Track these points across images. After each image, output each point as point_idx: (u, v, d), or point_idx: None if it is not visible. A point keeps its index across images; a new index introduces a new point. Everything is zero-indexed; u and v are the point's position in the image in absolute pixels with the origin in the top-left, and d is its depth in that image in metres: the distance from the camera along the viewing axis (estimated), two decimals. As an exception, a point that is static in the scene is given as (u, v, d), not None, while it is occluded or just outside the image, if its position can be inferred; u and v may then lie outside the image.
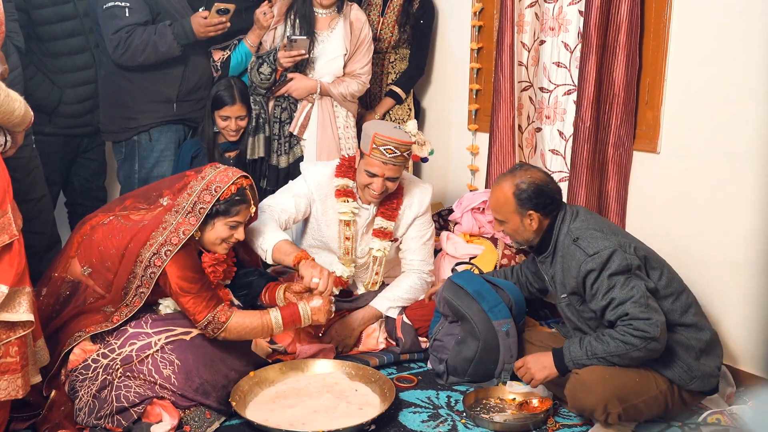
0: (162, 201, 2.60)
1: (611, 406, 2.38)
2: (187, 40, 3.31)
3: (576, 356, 2.48)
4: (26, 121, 2.19)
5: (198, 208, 2.54)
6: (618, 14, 3.09)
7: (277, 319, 2.58)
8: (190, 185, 2.59)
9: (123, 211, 2.61)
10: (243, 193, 2.62)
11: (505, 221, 2.63)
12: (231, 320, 2.51)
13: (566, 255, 2.54)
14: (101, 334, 2.51)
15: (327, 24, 3.54)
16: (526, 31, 3.56)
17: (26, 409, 2.41)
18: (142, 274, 2.47)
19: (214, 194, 2.55)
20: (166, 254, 2.45)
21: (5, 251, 2.03)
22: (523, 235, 2.64)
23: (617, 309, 2.41)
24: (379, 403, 2.62)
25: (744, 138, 2.77)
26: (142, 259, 2.46)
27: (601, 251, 2.44)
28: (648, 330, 2.35)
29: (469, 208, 3.59)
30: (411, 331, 3.08)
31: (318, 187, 3.09)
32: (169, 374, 2.48)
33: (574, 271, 2.49)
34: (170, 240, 2.48)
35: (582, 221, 2.57)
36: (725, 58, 2.81)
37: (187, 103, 3.51)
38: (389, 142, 2.90)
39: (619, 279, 2.42)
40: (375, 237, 3.11)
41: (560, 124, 3.43)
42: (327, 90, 3.54)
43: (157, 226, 2.50)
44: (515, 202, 2.58)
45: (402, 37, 3.86)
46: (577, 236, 2.52)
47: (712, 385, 2.49)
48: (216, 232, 2.60)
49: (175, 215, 2.53)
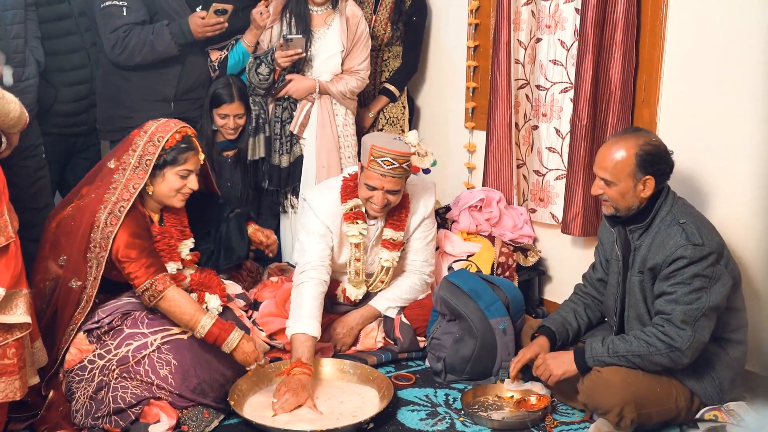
0: (109, 165, 2.60)
1: (627, 410, 2.36)
2: (185, 40, 3.31)
3: (597, 353, 2.45)
4: (21, 122, 2.19)
5: (145, 161, 2.54)
6: (614, 12, 3.09)
7: (204, 328, 2.50)
8: (133, 142, 2.59)
9: (80, 200, 2.61)
10: (188, 141, 2.62)
11: (614, 182, 2.44)
12: (168, 291, 2.48)
13: (663, 232, 2.42)
14: (97, 334, 2.50)
15: (323, 21, 3.54)
16: (522, 28, 3.56)
17: (24, 410, 2.41)
18: (100, 237, 2.47)
19: (158, 144, 2.55)
20: (120, 211, 2.47)
21: (2, 253, 2.03)
22: (628, 202, 2.46)
23: (668, 304, 2.37)
24: (378, 402, 2.63)
25: (741, 135, 2.77)
26: (98, 222, 2.47)
27: (705, 245, 2.34)
28: (675, 339, 2.33)
29: (467, 206, 3.60)
30: (409, 332, 3.08)
31: (332, 220, 3.00)
32: (166, 374, 2.48)
33: (668, 250, 2.37)
34: (122, 197, 2.49)
35: (684, 206, 2.48)
36: (722, 55, 2.81)
37: (185, 102, 3.50)
38: (387, 153, 2.83)
39: (696, 281, 2.34)
40: (384, 248, 3.08)
41: (557, 121, 3.44)
42: (326, 88, 3.54)
43: (107, 188, 2.51)
44: (635, 164, 2.41)
45: (395, 35, 3.86)
46: (684, 219, 2.41)
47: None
48: (168, 183, 2.60)
49: (123, 173, 2.54)
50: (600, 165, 2.50)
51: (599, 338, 2.50)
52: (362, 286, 3.11)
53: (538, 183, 3.56)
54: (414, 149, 2.86)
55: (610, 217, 2.58)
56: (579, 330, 2.73)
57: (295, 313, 2.78)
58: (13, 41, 2.93)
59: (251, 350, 2.56)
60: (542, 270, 3.64)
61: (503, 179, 3.64)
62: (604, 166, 2.47)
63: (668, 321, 2.36)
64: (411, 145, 2.87)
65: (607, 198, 2.50)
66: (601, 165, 2.49)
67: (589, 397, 2.45)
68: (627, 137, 2.47)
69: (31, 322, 2.12)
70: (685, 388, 2.45)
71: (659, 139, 2.50)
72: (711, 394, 2.45)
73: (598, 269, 2.76)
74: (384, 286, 3.15)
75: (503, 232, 3.55)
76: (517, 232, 3.57)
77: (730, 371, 2.47)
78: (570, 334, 2.72)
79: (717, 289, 2.36)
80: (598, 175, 2.51)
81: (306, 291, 2.82)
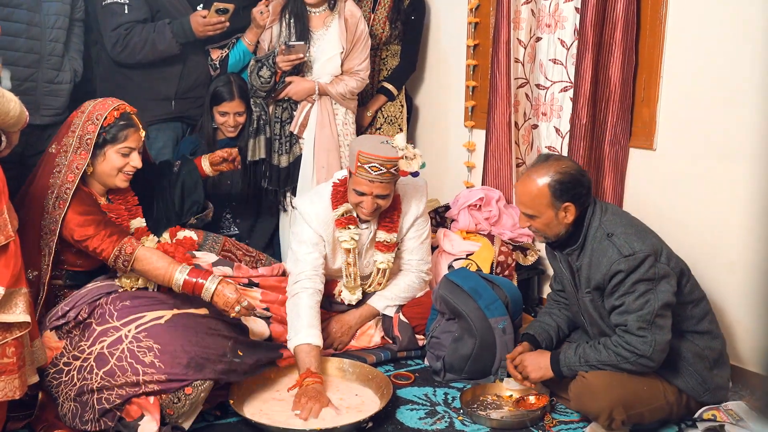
0: (50, 149, 2.59)
1: (616, 412, 2.37)
2: (186, 39, 3.31)
3: (571, 362, 2.49)
4: (21, 121, 2.19)
5: (85, 140, 2.53)
6: (614, 11, 3.09)
7: (180, 279, 2.44)
8: (72, 123, 2.58)
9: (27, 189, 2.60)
10: (128, 117, 2.60)
11: (536, 215, 2.47)
12: (138, 251, 2.45)
13: (597, 249, 2.44)
14: (66, 330, 2.44)
15: (321, 22, 3.53)
16: (522, 27, 3.56)
17: (22, 409, 2.40)
18: (49, 221, 2.46)
19: (96, 123, 2.54)
20: (66, 193, 2.46)
21: (1, 252, 2.02)
22: (555, 230, 2.49)
23: (621, 316, 2.39)
24: (377, 401, 2.63)
25: (740, 135, 2.77)
26: (48, 208, 2.45)
27: (636, 253, 2.35)
28: (638, 347, 2.35)
29: (466, 205, 3.60)
30: (408, 330, 3.08)
31: (325, 228, 2.99)
32: (152, 360, 2.37)
33: (604, 267, 2.40)
34: (66, 179, 2.48)
35: (613, 215, 2.48)
36: (721, 55, 2.81)
37: (186, 101, 3.50)
38: (374, 159, 2.79)
39: (639, 287, 2.36)
40: (378, 250, 3.08)
41: (557, 121, 3.44)
42: (325, 90, 3.53)
43: (51, 173, 2.50)
44: (550, 195, 2.43)
45: (393, 34, 3.86)
46: (611, 232, 2.41)
47: (723, 397, 2.48)
48: (109, 161, 2.58)
49: (65, 155, 2.53)
50: (519, 200, 2.54)
51: (573, 345, 2.52)
52: (357, 291, 3.11)
53: (537, 182, 3.56)
54: (402, 153, 2.82)
55: (548, 244, 2.61)
56: (559, 327, 2.75)
57: (295, 325, 2.76)
58: (50, 44, 3.01)
59: (231, 293, 2.46)
60: (541, 269, 3.64)
61: (503, 178, 3.64)
62: (523, 202, 2.50)
63: (626, 332, 2.38)
64: (399, 149, 2.83)
65: (534, 229, 2.53)
66: (520, 200, 2.52)
67: (577, 402, 2.47)
68: (538, 169, 2.47)
69: (31, 321, 2.12)
70: (670, 384, 2.46)
71: (570, 164, 2.49)
72: (694, 386, 2.46)
73: (559, 281, 2.77)
74: (381, 287, 3.15)
75: (502, 231, 3.56)
76: (517, 231, 3.57)
77: (706, 360, 2.48)
78: (552, 334, 2.73)
79: (662, 287, 2.37)
80: (520, 210, 2.54)
81: (302, 302, 2.82)
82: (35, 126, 3.04)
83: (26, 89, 2.98)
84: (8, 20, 2.87)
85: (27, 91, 2.98)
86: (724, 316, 2.82)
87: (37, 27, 2.96)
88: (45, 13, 2.98)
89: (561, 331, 2.75)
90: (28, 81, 2.98)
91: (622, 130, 3.17)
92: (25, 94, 2.95)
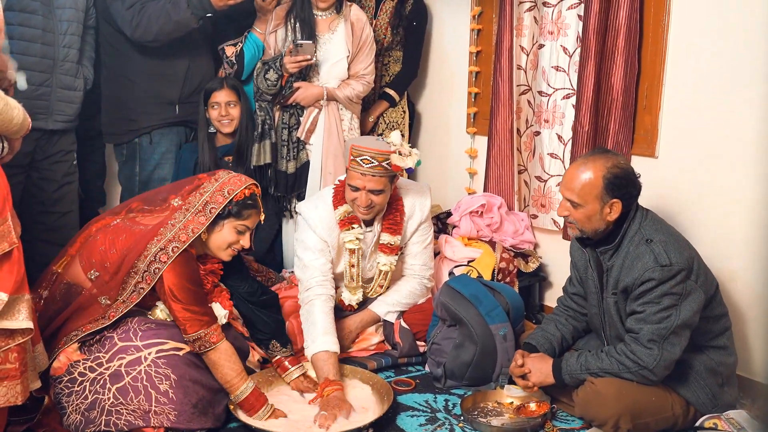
0: (173, 202, 2.59)
1: (623, 421, 2.37)
2: (204, 12, 3.23)
3: (572, 369, 2.48)
4: (24, 128, 2.20)
5: (209, 208, 2.54)
6: (617, 19, 3.09)
7: (244, 392, 2.50)
8: (203, 186, 2.60)
9: (129, 213, 2.61)
10: (255, 199, 2.62)
11: (581, 205, 2.40)
12: (222, 343, 2.48)
13: (632, 253, 2.39)
14: (88, 343, 2.44)
15: (327, 26, 3.54)
16: (524, 34, 3.56)
17: (23, 413, 2.40)
18: (144, 270, 2.45)
19: (227, 196, 2.55)
20: (173, 251, 2.45)
21: (5, 259, 2.03)
22: (594, 224, 2.42)
23: (636, 323, 2.38)
24: (377, 407, 2.63)
25: (742, 142, 2.77)
26: (147, 254, 2.45)
27: (672, 265, 2.31)
28: (642, 358, 2.34)
29: (468, 211, 3.60)
30: (409, 336, 3.08)
31: (329, 232, 3.00)
32: (167, 389, 2.41)
33: (637, 272, 2.36)
34: (178, 237, 2.47)
35: (653, 221, 2.44)
36: (723, 63, 2.81)
37: (189, 105, 3.50)
38: (365, 152, 2.83)
39: (665, 300, 2.32)
40: (381, 252, 3.08)
41: (559, 128, 3.44)
42: (333, 95, 3.53)
43: (165, 223, 2.50)
44: (602, 187, 2.37)
45: (395, 39, 3.86)
46: (650, 238, 2.37)
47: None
48: (223, 235, 2.58)
49: (185, 213, 2.53)
50: (567, 186, 2.46)
51: (576, 353, 2.51)
52: (358, 292, 3.11)
53: (539, 189, 3.56)
54: (395, 148, 2.84)
55: (579, 239, 2.57)
56: (563, 338, 2.73)
57: (311, 333, 2.78)
58: (63, 49, 3.04)
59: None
60: (543, 276, 3.64)
61: (504, 185, 3.64)
62: (571, 188, 2.43)
63: (636, 340, 2.37)
64: (393, 145, 2.84)
65: (573, 220, 2.47)
66: (568, 186, 2.44)
67: (583, 409, 2.46)
68: (595, 158, 2.42)
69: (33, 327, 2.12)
70: (679, 396, 2.46)
71: (628, 162, 2.45)
72: (704, 401, 2.45)
73: (575, 284, 2.75)
74: (383, 290, 3.15)
75: (504, 238, 3.56)
76: (518, 238, 3.57)
77: (719, 377, 2.47)
78: (554, 345, 2.71)
79: (687, 305, 2.34)
80: (565, 196, 2.47)
81: (317, 309, 2.83)
82: (47, 131, 3.06)
83: (41, 94, 3.00)
84: (24, 25, 2.91)
85: (41, 96, 3.01)
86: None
87: (50, 33, 2.99)
88: (58, 20, 3.01)
89: (564, 341, 2.74)
90: (43, 86, 3.00)
91: (624, 137, 3.17)
92: (39, 99, 2.99)
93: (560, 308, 2.83)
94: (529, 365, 2.58)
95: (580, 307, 2.76)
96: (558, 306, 2.85)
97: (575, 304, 2.78)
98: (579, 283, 2.71)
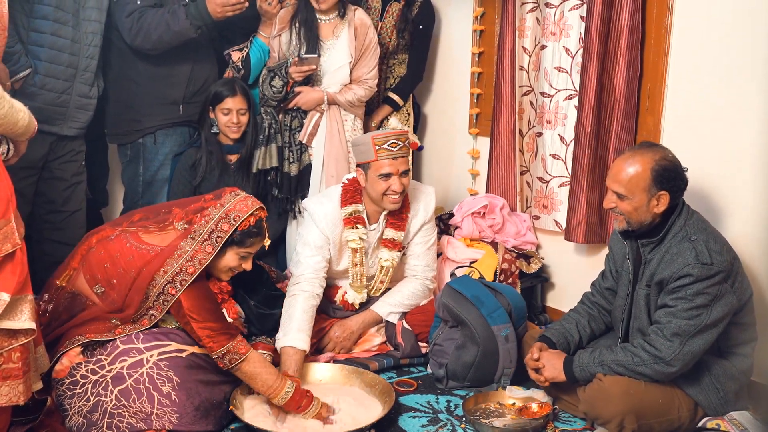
0: (177, 225, 2.56)
1: (628, 421, 2.36)
2: (202, 21, 3.23)
3: (585, 362, 2.47)
4: (30, 130, 2.20)
5: (215, 237, 2.51)
6: (619, 21, 3.09)
7: (288, 393, 2.49)
8: (208, 211, 2.55)
9: (131, 227, 2.59)
10: (260, 226, 2.60)
11: (628, 197, 2.40)
12: (251, 353, 2.47)
13: (674, 248, 2.39)
14: (90, 346, 2.44)
15: (331, 31, 3.52)
16: (527, 35, 3.56)
17: (24, 414, 2.41)
18: (155, 299, 2.45)
19: (232, 224, 2.52)
20: (181, 284, 2.44)
21: (8, 260, 2.03)
22: (641, 216, 2.42)
23: (665, 316, 2.37)
24: (379, 408, 2.63)
25: (745, 144, 2.77)
26: (156, 284, 2.44)
27: (713, 265, 2.31)
28: (661, 349, 2.33)
29: (470, 212, 3.60)
30: (411, 337, 3.08)
31: (333, 228, 3.02)
32: (169, 391, 2.40)
33: (676, 266, 2.35)
34: (185, 269, 2.45)
35: (699, 221, 2.44)
36: (726, 64, 2.81)
37: (194, 105, 3.49)
38: (389, 136, 2.92)
39: (698, 299, 2.32)
40: (384, 247, 3.09)
41: (561, 128, 3.44)
42: (334, 99, 3.53)
43: (171, 253, 2.48)
44: (650, 179, 2.37)
45: (401, 43, 3.84)
46: (696, 236, 2.37)
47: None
48: (226, 260, 2.58)
49: (191, 242, 2.50)
50: (614, 178, 2.46)
51: (590, 350, 2.51)
52: (362, 292, 3.12)
53: (541, 190, 3.56)
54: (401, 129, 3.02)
55: (622, 232, 2.55)
56: (580, 341, 2.73)
57: (285, 326, 2.81)
58: (86, 60, 3.09)
59: (323, 410, 2.56)
60: (545, 277, 3.64)
61: (507, 186, 3.64)
62: (619, 180, 2.43)
63: (659, 331, 2.36)
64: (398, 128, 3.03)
65: (620, 212, 2.47)
66: (616, 178, 2.45)
67: (589, 406, 2.45)
68: (643, 151, 2.43)
69: (36, 328, 2.12)
70: (688, 398, 2.44)
71: (674, 156, 2.46)
72: (715, 405, 2.44)
73: (608, 278, 2.74)
74: (383, 287, 3.16)
75: (506, 239, 3.56)
76: (520, 239, 3.57)
77: (736, 383, 2.46)
78: (571, 345, 2.71)
79: (719, 307, 2.34)
80: (612, 188, 2.47)
81: (297, 304, 2.86)
82: (62, 136, 3.10)
83: (62, 102, 3.04)
84: (56, 35, 2.95)
85: (62, 104, 3.04)
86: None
87: (77, 44, 3.03)
88: (84, 31, 3.06)
89: (582, 342, 2.73)
90: (64, 94, 3.04)
91: (626, 138, 3.17)
92: (59, 106, 3.03)
93: (585, 306, 2.79)
94: (544, 360, 2.57)
95: (607, 303, 2.74)
96: (583, 303, 2.81)
97: (603, 299, 2.75)
98: (612, 276, 2.70)
